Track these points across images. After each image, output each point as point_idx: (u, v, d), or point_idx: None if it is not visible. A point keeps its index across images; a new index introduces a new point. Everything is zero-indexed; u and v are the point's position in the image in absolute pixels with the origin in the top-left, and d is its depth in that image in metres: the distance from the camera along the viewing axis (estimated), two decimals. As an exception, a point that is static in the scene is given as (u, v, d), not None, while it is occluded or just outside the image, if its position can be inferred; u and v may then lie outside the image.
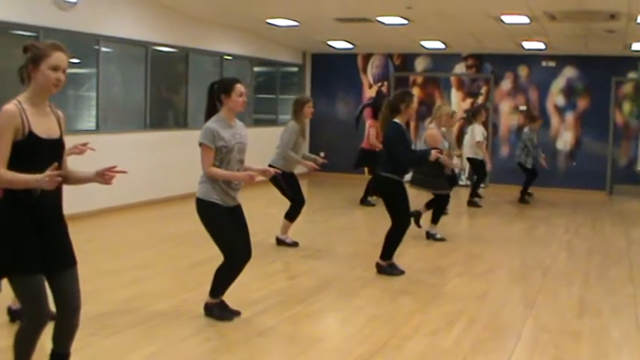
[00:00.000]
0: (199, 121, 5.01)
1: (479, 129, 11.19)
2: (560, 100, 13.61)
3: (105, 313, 5.03)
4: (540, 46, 12.47)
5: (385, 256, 6.59)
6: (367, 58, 14.90)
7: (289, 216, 7.71)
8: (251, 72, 13.52)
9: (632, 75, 13.25)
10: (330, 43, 13.90)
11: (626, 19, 9.47)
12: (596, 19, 9.64)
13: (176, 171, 10.47)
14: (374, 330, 4.98)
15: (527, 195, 12.12)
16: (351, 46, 14.04)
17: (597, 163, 13.35)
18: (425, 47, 13.60)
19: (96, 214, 8.96)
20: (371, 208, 10.77)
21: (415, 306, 5.62)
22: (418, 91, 14.21)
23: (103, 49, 9.61)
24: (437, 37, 12.63)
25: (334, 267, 6.94)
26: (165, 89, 11.40)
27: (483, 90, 14.08)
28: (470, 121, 11.50)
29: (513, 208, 11.58)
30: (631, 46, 11.84)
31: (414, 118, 10.58)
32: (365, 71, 14.94)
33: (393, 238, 6.53)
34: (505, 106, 13.96)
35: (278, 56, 14.31)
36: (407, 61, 14.60)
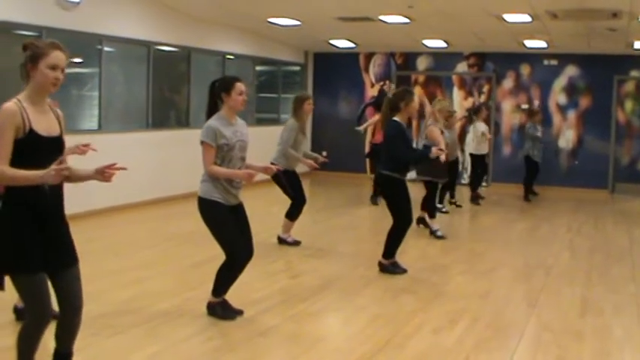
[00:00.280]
0: (201, 120, 5.01)
1: (481, 125, 11.39)
2: (562, 98, 13.60)
3: (107, 313, 5.03)
4: (542, 44, 12.45)
5: (387, 255, 6.60)
6: (369, 57, 14.89)
7: (290, 215, 7.70)
8: (253, 71, 13.52)
9: (634, 73, 13.23)
10: (332, 42, 13.90)
11: (628, 17, 9.46)
12: (598, 17, 9.63)
13: (178, 170, 10.47)
14: (376, 329, 4.98)
15: (531, 194, 12.15)
16: (353, 45, 14.03)
17: (599, 162, 13.33)
18: (427, 46, 13.59)
19: (98, 213, 8.96)
20: (373, 207, 10.76)
21: (417, 305, 5.62)
22: (420, 90, 14.21)
23: (106, 49, 9.62)
24: (439, 35, 12.62)
25: (336, 266, 6.94)
26: (168, 89, 11.40)
27: (485, 89, 14.07)
28: (471, 120, 11.68)
29: (515, 206, 11.58)
30: (633, 45, 11.82)
31: (415, 116, 10.57)
32: (367, 70, 14.93)
33: (394, 236, 6.54)
34: (507, 104, 13.95)
35: (280, 55, 14.31)
36: (409, 59, 14.58)
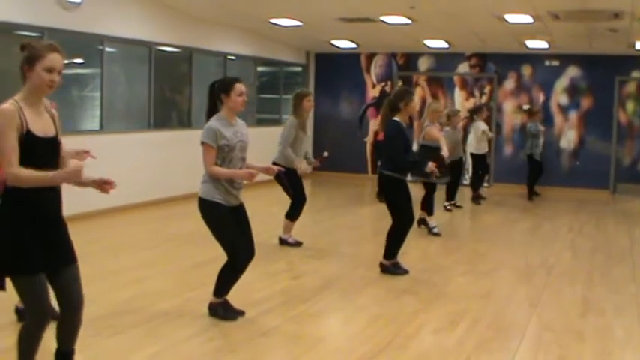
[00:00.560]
0: (203, 121, 5.00)
1: (481, 124, 11.45)
2: (563, 99, 13.59)
3: (107, 314, 5.03)
4: (544, 45, 12.44)
5: (388, 256, 6.59)
6: (371, 57, 14.89)
7: (290, 216, 7.69)
8: (254, 72, 13.52)
9: (635, 74, 13.22)
10: (333, 42, 13.90)
11: (630, 18, 9.45)
12: (599, 18, 9.63)
13: (179, 171, 10.47)
14: (377, 329, 4.98)
15: (533, 194, 12.17)
16: (354, 45, 14.03)
17: (601, 163, 13.32)
18: (428, 47, 13.59)
19: (98, 214, 8.96)
20: (374, 207, 10.76)
21: (419, 305, 5.62)
22: (421, 90, 14.22)
23: (107, 50, 9.63)
24: (440, 36, 12.62)
25: (338, 266, 6.94)
26: (169, 89, 11.41)
27: (487, 89, 14.07)
28: (472, 119, 11.80)
29: (517, 206, 11.57)
30: (635, 45, 11.81)
31: (415, 116, 10.59)
32: (368, 71, 14.93)
33: (395, 237, 6.53)
34: (508, 105, 13.94)
35: (281, 56, 14.31)
36: (410, 60, 14.58)
